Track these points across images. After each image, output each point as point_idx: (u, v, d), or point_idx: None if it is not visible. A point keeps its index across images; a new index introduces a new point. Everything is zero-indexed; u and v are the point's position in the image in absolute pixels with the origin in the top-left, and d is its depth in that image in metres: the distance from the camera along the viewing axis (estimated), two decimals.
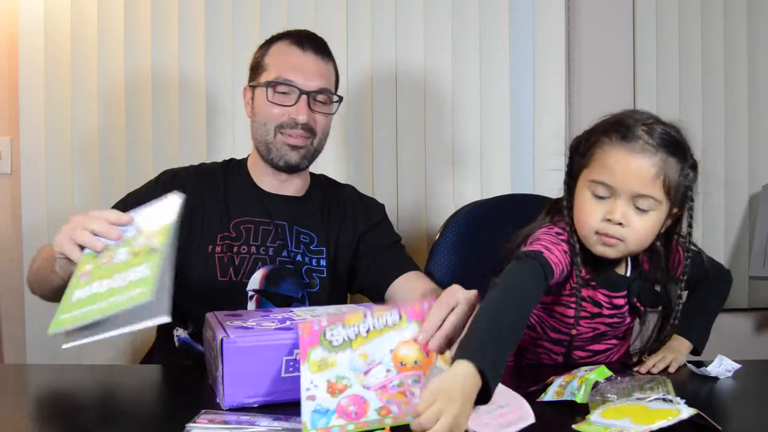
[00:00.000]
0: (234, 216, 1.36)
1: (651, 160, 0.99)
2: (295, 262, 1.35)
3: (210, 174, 1.41)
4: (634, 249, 1.05)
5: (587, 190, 1.04)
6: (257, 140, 1.38)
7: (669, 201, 1.02)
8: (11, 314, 2.00)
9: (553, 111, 2.01)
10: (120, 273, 0.82)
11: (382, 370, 0.81)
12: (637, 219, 1.01)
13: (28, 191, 1.93)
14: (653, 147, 1.00)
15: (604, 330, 1.13)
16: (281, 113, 1.34)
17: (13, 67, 1.94)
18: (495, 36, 1.99)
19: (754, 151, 2.12)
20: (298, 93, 1.33)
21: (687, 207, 1.06)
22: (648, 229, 1.02)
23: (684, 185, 1.03)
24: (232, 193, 1.39)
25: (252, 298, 1.30)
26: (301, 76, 1.34)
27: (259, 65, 1.38)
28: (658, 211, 1.02)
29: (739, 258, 2.11)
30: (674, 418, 0.77)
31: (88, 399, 0.91)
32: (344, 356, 0.83)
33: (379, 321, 0.86)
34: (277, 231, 1.36)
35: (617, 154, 1.00)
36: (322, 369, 0.82)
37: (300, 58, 1.35)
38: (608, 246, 1.03)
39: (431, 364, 0.81)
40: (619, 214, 1.00)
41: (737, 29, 2.09)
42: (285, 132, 1.34)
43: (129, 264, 0.79)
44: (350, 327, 0.85)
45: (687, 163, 1.03)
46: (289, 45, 1.36)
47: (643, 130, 1.00)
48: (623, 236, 1.02)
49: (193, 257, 1.32)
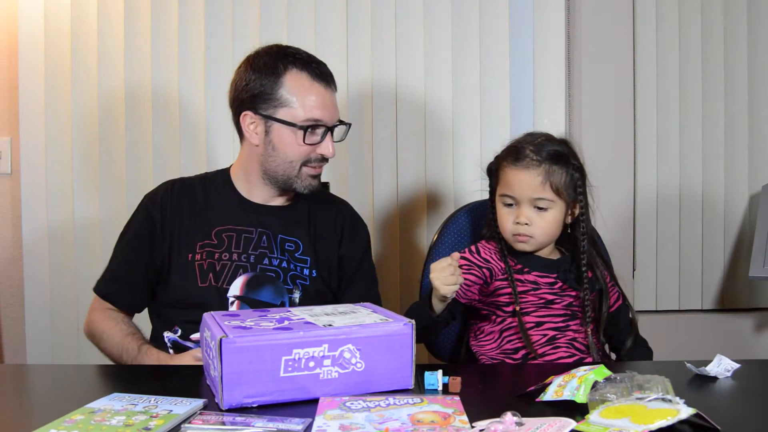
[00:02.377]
0: (216, 224, 1.38)
1: (536, 171, 1.28)
2: (280, 268, 1.37)
3: (189, 187, 1.44)
4: (544, 240, 1.32)
5: (500, 202, 1.34)
6: (274, 172, 1.38)
7: (561, 199, 1.29)
8: (11, 314, 2.00)
9: (553, 111, 2.02)
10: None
11: (396, 424, 0.81)
12: (539, 217, 1.29)
13: (28, 191, 1.93)
14: (537, 161, 1.28)
15: (551, 298, 1.31)
16: (310, 150, 1.35)
17: (13, 67, 1.94)
18: (495, 36, 1.99)
19: (754, 151, 2.12)
20: (324, 129, 1.35)
21: (579, 200, 1.31)
22: (550, 223, 1.30)
23: (571, 185, 1.29)
24: (213, 203, 1.42)
25: (233, 303, 1.33)
26: (327, 113, 1.35)
27: (271, 97, 1.33)
28: (555, 208, 1.29)
29: (739, 258, 2.11)
30: (673, 418, 0.77)
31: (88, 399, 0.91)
32: (360, 414, 0.85)
33: (401, 400, 0.89)
34: (261, 239, 1.38)
35: (512, 172, 1.30)
36: (336, 419, 0.83)
37: (323, 94, 1.35)
38: (523, 242, 1.31)
39: (448, 425, 0.81)
40: (524, 216, 1.29)
41: (737, 29, 2.09)
42: (310, 165, 1.37)
43: (115, 431, 0.80)
44: (371, 401, 0.89)
45: (570, 167, 1.29)
46: (311, 80, 1.34)
47: (531, 150, 1.29)
48: (531, 233, 1.30)
49: (174, 266, 1.36)
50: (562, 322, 1.30)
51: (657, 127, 2.07)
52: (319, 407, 0.88)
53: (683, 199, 2.09)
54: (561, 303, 1.31)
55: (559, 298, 1.31)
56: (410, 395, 0.93)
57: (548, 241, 1.33)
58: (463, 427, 0.81)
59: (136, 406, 0.89)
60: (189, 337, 1.32)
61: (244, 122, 1.37)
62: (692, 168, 2.10)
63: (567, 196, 1.29)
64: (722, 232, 2.11)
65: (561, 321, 1.30)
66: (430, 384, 0.99)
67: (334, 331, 0.95)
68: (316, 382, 0.93)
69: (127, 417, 0.85)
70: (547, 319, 1.30)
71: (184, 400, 0.91)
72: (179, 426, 0.83)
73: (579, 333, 1.31)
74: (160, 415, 0.85)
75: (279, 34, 1.94)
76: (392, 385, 0.98)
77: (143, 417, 0.84)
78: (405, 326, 0.98)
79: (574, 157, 1.32)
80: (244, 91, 1.36)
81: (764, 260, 1.91)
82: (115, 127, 1.93)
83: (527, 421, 0.80)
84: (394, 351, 0.98)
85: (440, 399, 0.91)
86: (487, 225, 1.41)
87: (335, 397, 0.92)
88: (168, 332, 1.34)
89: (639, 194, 2.06)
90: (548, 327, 1.30)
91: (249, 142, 1.38)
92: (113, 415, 0.85)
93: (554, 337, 1.29)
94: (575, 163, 1.31)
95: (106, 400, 0.92)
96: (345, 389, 0.94)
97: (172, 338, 1.33)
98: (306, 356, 0.93)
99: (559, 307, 1.31)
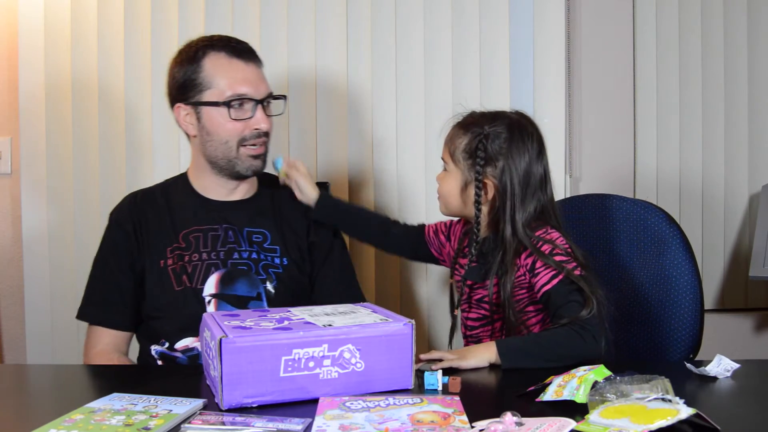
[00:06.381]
0: (181, 228, 1.40)
1: (448, 134, 1.30)
2: (250, 260, 1.38)
3: (150, 196, 1.46)
4: (447, 203, 1.31)
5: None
6: (215, 157, 1.39)
7: (457, 167, 1.27)
8: (11, 314, 2.00)
9: (553, 111, 2.01)
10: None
11: (396, 424, 0.81)
12: (441, 178, 1.31)
13: (28, 191, 1.93)
14: (454, 126, 1.30)
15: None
16: (243, 127, 1.36)
17: (13, 67, 1.94)
18: (495, 36, 1.99)
19: (754, 151, 2.12)
20: (253, 103, 1.36)
21: (477, 172, 1.25)
22: (445, 185, 1.30)
23: (470, 153, 1.25)
24: (176, 207, 1.43)
25: (210, 302, 1.34)
26: (252, 87, 1.36)
27: (195, 83, 1.36)
28: (451, 173, 1.28)
29: (739, 258, 2.11)
30: (673, 418, 0.77)
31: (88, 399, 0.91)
32: (360, 414, 0.85)
33: (401, 400, 0.89)
34: (227, 235, 1.40)
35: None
36: (336, 419, 0.83)
37: (245, 69, 1.37)
38: (439, 201, 1.33)
39: (448, 425, 0.81)
40: (438, 176, 1.33)
41: (737, 29, 2.09)
42: (247, 144, 1.38)
43: (115, 430, 0.81)
44: (371, 401, 0.88)
45: (474, 135, 1.25)
46: (229, 58, 1.36)
47: (463, 116, 1.31)
48: (439, 191, 1.32)
49: (148, 274, 1.37)
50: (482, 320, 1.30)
51: (657, 127, 2.07)
52: (319, 407, 0.88)
53: (683, 199, 2.09)
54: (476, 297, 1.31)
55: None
56: (410, 395, 0.94)
57: (452, 208, 1.31)
58: (463, 427, 0.81)
59: (136, 405, 0.89)
60: (174, 347, 1.33)
61: (179, 116, 1.40)
62: (692, 168, 2.09)
63: (464, 166, 1.26)
64: (722, 232, 2.11)
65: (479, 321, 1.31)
66: (429, 384, 0.99)
67: (334, 331, 0.95)
68: (315, 382, 0.93)
69: (126, 417, 0.85)
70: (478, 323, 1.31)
71: (184, 400, 0.91)
72: (179, 426, 0.83)
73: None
74: (159, 414, 0.85)
75: (279, 34, 1.94)
76: (392, 385, 0.98)
77: (143, 417, 0.84)
78: (405, 326, 0.98)
79: (492, 128, 1.24)
80: (172, 86, 1.40)
81: (764, 260, 1.91)
82: (115, 128, 1.93)
83: (527, 421, 0.80)
84: (394, 351, 0.98)
85: (440, 399, 0.91)
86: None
87: (335, 397, 0.92)
88: (155, 345, 1.34)
89: (639, 194, 2.06)
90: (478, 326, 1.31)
91: (191, 137, 1.41)
92: (113, 414, 0.85)
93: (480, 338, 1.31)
94: (479, 133, 1.25)
95: (106, 399, 0.92)
96: (345, 389, 0.94)
97: (160, 350, 1.34)
98: (306, 356, 0.93)
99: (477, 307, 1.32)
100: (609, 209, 1.52)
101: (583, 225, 1.55)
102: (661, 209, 1.47)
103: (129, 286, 1.38)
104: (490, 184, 1.25)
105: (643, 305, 1.44)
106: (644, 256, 1.46)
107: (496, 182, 1.24)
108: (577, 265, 1.20)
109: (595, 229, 1.53)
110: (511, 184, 1.23)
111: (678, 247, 1.41)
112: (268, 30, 1.95)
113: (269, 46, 1.93)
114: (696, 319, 1.38)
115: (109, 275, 1.40)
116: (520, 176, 1.23)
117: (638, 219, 1.47)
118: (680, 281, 1.39)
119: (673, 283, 1.39)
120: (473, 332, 1.33)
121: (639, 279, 1.46)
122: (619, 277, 1.49)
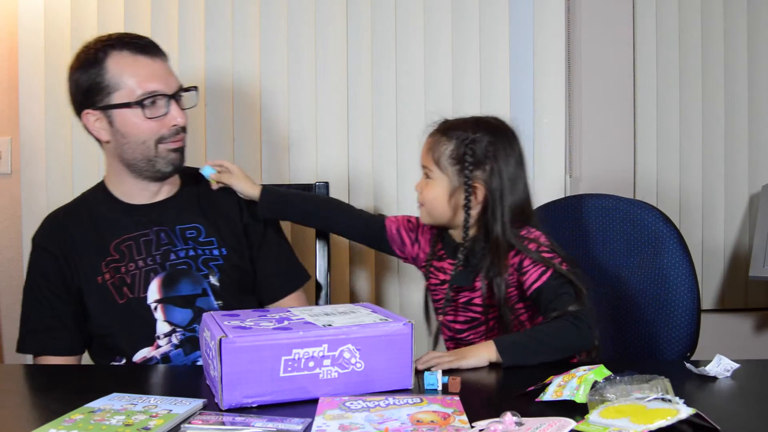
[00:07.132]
0: (111, 239, 1.35)
1: (428, 140, 1.30)
2: (188, 258, 1.36)
3: (71, 212, 1.41)
4: (433, 211, 1.29)
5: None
6: (133, 159, 1.34)
7: (443, 173, 1.26)
8: (11, 314, 2.00)
9: (553, 111, 2.01)
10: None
11: (396, 424, 0.81)
12: (425, 186, 1.29)
13: (28, 191, 1.93)
14: (434, 132, 1.30)
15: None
16: (159, 125, 1.32)
17: (13, 67, 1.94)
18: (495, 36, 1.99)
19: (754, 151, 2.12)
20: (166, 99, 1.32)
21: (466, 177, 1.25)
22: (431, 193, 1.28)
23: (456, 159, 1.25)
24: (101, 219, 1.38)
25: (156, 309, 1.31)
26: (162, 82, 1.32)
27: (101, 86, 1.30)
28: (437, 180, 1.27)
29: (739, 258, 2.11)
30: (673, 418, 0.77)
31: (88, 399, 0.91)
32: (360, 414, 0.85)
33: (401, 400, 0.89)
34: (159, 237, 1.37)
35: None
36: (336, 419, 0.84)
37: (150, 65, 1.32)
38: (420, 209, 1.32)
39: (448, 425, 0.81)
40: (417, 185, 1.32)
41: (737, 29, 2.09)
42: (165, 141, 1.34)
43: (115, 430, 0.81)
44: (371, 401, 0.89)
45: (459, 141, 1.26)
46: (133, 55, 1.31)
47: (442, 122, 1.31)
48: (422, 200, 1.30)
49: (87, 294, 1.33)
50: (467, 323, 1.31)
51: (657, 127, 2.07)
52: (319, 407, 0.88)
53: (683, 199, 2.09)
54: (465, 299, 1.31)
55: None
56: (410, 395, 0.94)
57: (439, 217, 1.29)
58: (463, 427, 0.81)
59: (136, 405, 0.89)
60: (133, 360, 1.31)
61: (88, 122, 1.34)
62: (692, 168, 2.09)
63: (451, 172, 1.26)
64: (722, 232, 2.11)
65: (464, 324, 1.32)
66: (429, 384, 0.99)
67: (334, 331, 0.95)
68: (315, 382, 0.94)
69: (126, 417, 0.85)
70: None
71: (183, 400, 0.91)
72: (179, 426, 0.83)
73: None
74: (159, 414, 0.85)
75: (279, 34, 1.94)
76: (392, 385, 0.98)
77: (143, 417, 0.85)
78: (404, 326, 0.99)
79: (477, 133, 1.26)
80: (76, 93, 1.33)
81: (764, 260, 1.91)
82: None
83: (527, 421, 0.80)
84: (394, 351, 0.98)
85: (440, 399, 0.91)
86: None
87: (335, 397, 0.92)
88: (113, 362, 1.33)
89: (639, 194, 2.06)
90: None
91: (104, 143, 1.36)
92: (113, 414, 0.85)
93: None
94: (465, 138, 1.26)
95: (106, 399, 0.92)
96: (345, 389, 0.95)
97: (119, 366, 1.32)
98: (306, 356, 0.93)
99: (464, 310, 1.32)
100: (606, 209, 1.52)
101: (581, 225, 1.55)
102: (657, 209, 1.47)
103: (67, 309, 1.34)
104: (480, 187, 1.26)
105: (640, 304, 1.45)
106: (641, 255, 1.46)
107: (485, 185, 1.25)
108: (562, 260, 1.23)
109: (593, 228, 1.54)
110: (501, 186, 1.25)
111: (675, 247, 1.41)
112: (268, 30, 1.95)
113: (268, 46, 1.93)
114: (693, 319, 1.38)
115: (43, 301, 1.35)
116: (507, 178, 1.26)
117: (635, 219, 1.48)
118: (677, 280, 1.39)
119: (670, 282, 1.40)
120: (462, 335, 1.33)
121: (636, 278, 1.46)
122: (616, 277, 1.49)
